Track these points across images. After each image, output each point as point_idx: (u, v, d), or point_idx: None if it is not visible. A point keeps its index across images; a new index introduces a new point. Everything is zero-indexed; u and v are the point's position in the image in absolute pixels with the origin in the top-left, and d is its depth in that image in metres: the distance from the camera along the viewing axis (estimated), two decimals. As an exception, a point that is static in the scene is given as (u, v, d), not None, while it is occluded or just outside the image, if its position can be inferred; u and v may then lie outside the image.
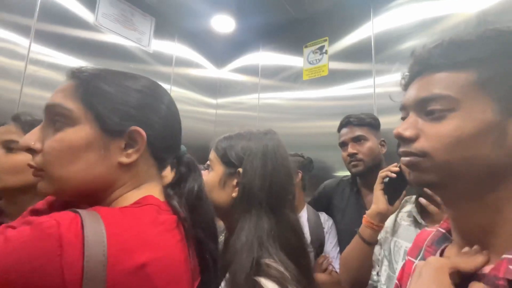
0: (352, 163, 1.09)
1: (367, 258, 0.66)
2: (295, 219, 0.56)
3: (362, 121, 1.11)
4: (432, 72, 0.38)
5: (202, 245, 0.46)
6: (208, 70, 2.12)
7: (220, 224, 0.96)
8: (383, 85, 1.43)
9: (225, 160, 0.59)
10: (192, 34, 1.98)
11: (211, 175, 0.60)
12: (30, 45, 1.28)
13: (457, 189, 0.36)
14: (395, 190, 0.81)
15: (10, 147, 0.66)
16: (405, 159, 0.39)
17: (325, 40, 1.66)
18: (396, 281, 0.50)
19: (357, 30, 1.55)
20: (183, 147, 0.51)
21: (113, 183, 0.41)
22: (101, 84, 0.41)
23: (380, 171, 0.84)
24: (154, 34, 1.76)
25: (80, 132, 0.39)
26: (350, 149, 1.09)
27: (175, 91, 1.86)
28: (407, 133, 0.38)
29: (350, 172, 1.13)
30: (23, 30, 1.26)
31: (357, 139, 1.10)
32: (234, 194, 0.56)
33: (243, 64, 2.06)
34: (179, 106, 0.48)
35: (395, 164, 0.83)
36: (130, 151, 0.41)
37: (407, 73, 0.43)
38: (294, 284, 0.45)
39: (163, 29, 1.82)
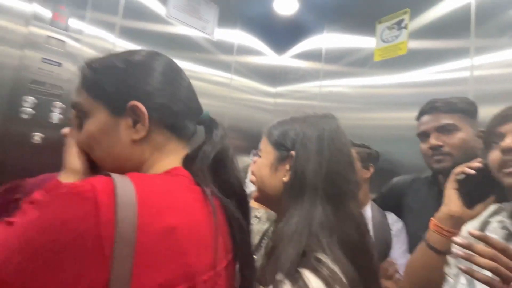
0: (435, 157, 0.89)
1: (435, 269, 0.55)
2: (359, 213, 0.47)
3: (453, 107, 0.89)
4: None
5: (228, 215, 0.44)
6: (268, 57, 2.08)
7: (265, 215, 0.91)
8: (484, 66, 1.12)
9: (277, 144, 0.55)
10: (254, 19, 1.95)
11: (261, 161, 0.57)
12: (116, 41, 1.45)
13: None
14: (476, 191, 0.66)
15: None
16: None
17: (405, 13, 1.40)
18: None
19: (450, -3, 1.26)
20: (205, 112, 0.49)
21: (135, 160, 0.43)
22: (95, 71, 0.44)
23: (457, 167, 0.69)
24: (218, 22, 1.80)
25: (95, 121, 0.44)
26: (434, 141, 0.89)
27: (235, 80, 1.87)
28: None
29: (431, 168, 0.93)
30: (110, 27, 1.43)
31: (444, 129, 0.89)
32: (285, 179, 0.52)
33: (304, 49, 1.94)
34: (238, 95, 0.46)
35: (479, 159, 0.67)
36: (138, 126, 0.43)
37: None
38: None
39: (226, 17, 1.84)
